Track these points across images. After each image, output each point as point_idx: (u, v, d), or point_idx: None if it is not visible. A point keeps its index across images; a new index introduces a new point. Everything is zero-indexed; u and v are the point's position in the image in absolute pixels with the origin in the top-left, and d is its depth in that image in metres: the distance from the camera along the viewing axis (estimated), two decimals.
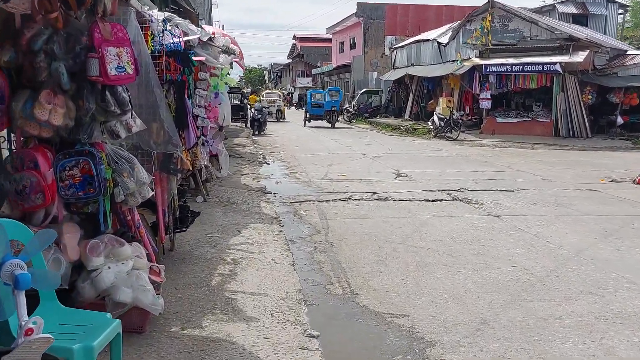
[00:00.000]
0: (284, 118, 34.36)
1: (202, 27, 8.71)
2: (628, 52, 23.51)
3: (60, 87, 3.54)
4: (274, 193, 9.88)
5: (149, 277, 3.84)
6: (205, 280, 4.98)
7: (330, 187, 10.55)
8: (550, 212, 8.39)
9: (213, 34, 8.42)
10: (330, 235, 6.91)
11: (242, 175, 11.81)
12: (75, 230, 3.71)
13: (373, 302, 4.71)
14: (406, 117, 30.78)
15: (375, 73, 40.77)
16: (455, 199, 9.32)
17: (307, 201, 9.13)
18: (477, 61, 22.57)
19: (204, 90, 7.89)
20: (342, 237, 6.80)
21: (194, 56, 6.51)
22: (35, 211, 3.62)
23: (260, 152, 16.49)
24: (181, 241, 6.04)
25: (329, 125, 28.30)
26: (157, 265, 4.07)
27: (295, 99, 60.33)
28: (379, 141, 21.12)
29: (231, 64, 10.52)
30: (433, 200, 9.17)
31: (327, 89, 33.00)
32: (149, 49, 4.87)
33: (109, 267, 3.60)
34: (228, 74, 9.18)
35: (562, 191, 10.27)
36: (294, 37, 70.98)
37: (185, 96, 5.22)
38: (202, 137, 8.15)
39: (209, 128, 8.30)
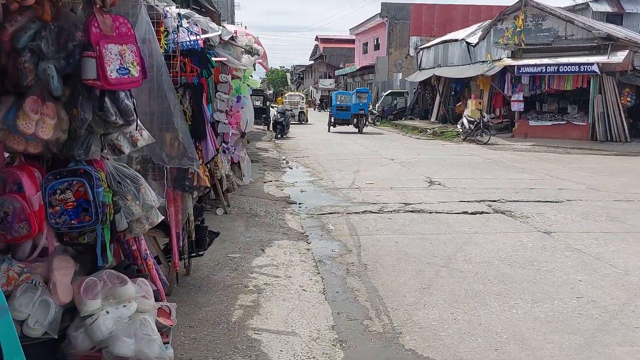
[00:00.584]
0: (307, 120, 33.74)
1: (224, 27, 8.10)
2: None
3: (49, 92, 2.92)
4: (299, 203, 9.22)
5: (157, 320, 3.19)
6: (225, 314, 4.32)
7: (358, 196, 9.85)
8: (606, 228, 7.57)
9: (235, 32, 7.80)
10: (363, 255, 6.21)
11: (265, 182, 11.18)
12: (69, 265, 3.08)
13: (420, 344, 4.00)
14: (432, 119, 29.92)
15: (400, 74, 39.95)
16: (497, 212, 8.54)
17: (335, 213, 8.44)
18: (509, 62, 21.66)
19: (225, 94, 7.28)
20: (377, 258, 6.10)
21: (214, 56, 5.89)
22: (20, 243, 3.00)
23: (284, 157, 15.87)
24: (198, 263, 5.41)
25: (356, 130, 26.23)
26: (168, 304, 3.42)
27: (317, 100, 59.79)
28: (406, 145, 20.35)
29: (254, 65, 9.91)
30: (473, 213, 8.41)
31: (354, 90, 29.98)
32: (161, 47, 4.25)
33: (107, 312, 2.95)
34: (251, 75, 8.53)
35: (612, 202, 9.42)
36: (317, 39, 70.41)
37: (204, 101, 4.57)
38: (222, 144, 7.53)
39: (230, 134, 7.68)
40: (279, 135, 23.00)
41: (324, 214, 8.40)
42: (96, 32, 2.93)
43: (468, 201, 9.33)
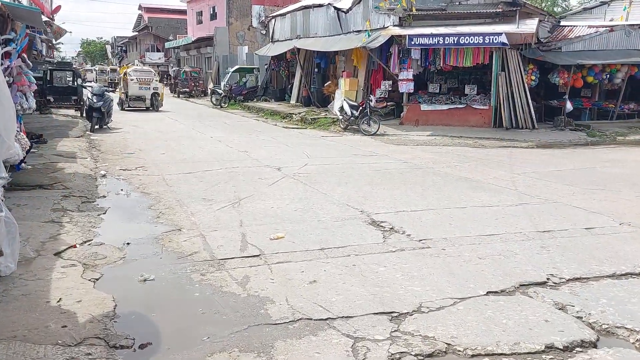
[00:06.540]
0: (161, 106, 24.44)
1: None
2: (562, 23, 19.77)
3: None
4: (142, 346, 3.62)
5: None
6: None
7: (274, 289, 4.53)
8: None
9: None
10: None
11: (59, 254, 5.26)
12: None
13: None
14: (293, 101, 25.05)
15: (246, 47, 34.46)
16: (603, 332, 3.84)
17: None
18: (397, 31, 17.35)
19: None
20: None
21: None
22: None
23: (102, 172, 9.73)
24: None
25: None
26: None
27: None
28: (280, 139, 15.10)
29: None
30: (566, 349, 3.60)
31: None
32: None
33: None
34: None
35: None
36: (140, 7, 61.68)
37: None
38: None
39: None
40: (97, 127, 16.33)
41: None
42: None
43: (502, 292, 4.51)
